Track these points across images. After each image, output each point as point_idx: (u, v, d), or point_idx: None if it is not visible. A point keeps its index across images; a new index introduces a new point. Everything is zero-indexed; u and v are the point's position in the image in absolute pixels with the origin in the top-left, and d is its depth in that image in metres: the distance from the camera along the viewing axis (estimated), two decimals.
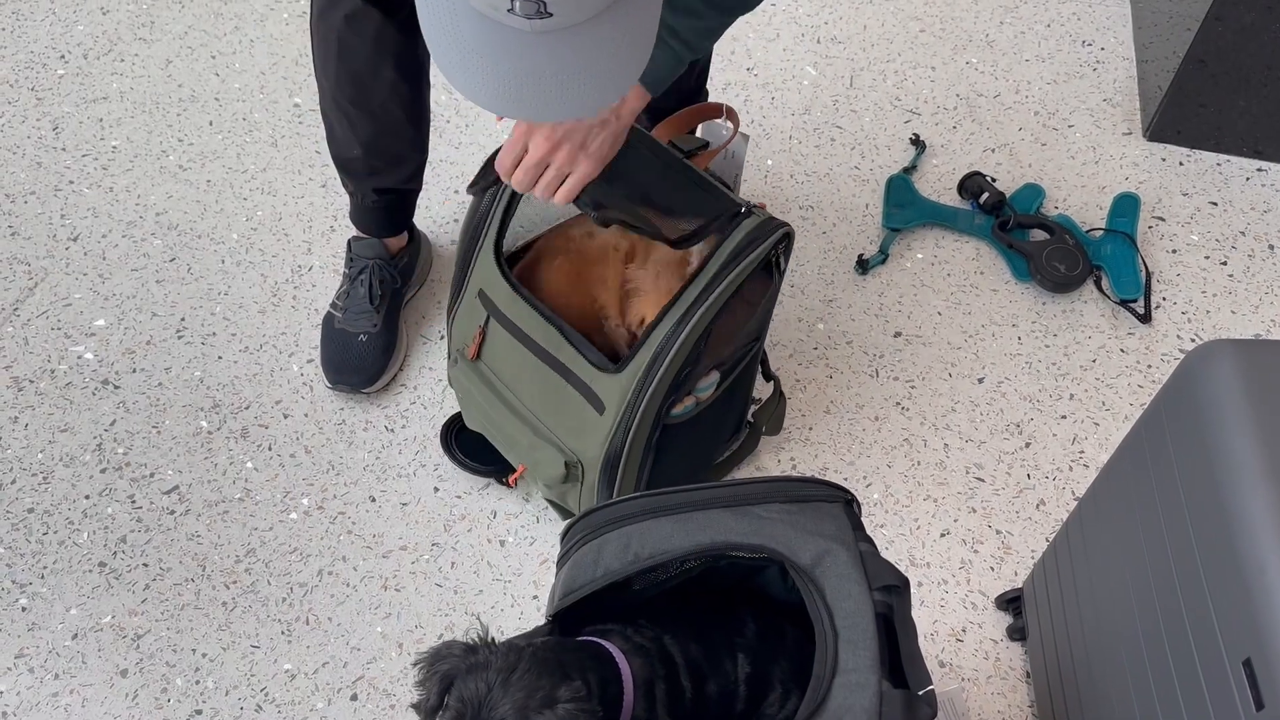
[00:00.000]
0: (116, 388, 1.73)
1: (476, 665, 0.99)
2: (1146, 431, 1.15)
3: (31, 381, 1.72)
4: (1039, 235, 1.95)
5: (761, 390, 1.67)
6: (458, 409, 1.68)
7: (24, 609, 1.51)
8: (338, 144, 1.64)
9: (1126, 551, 1.17)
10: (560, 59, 0.94)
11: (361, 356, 1.70)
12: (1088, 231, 1.96)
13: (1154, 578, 1.10)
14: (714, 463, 1.66)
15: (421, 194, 1.78)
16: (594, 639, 1.08)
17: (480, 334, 1.48)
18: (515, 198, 1.43)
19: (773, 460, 1.69)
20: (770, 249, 1.34)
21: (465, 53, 0.96)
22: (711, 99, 2.11)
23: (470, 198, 1.45)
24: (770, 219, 1.35)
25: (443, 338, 1.79)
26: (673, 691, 1.08)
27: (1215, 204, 2.05)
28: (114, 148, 2.04)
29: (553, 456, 1.44)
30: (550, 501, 1.60)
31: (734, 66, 2.23)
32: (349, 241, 1.75)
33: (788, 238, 1.36)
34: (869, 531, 1.61)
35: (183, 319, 1.81)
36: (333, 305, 1.74)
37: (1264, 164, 2.11)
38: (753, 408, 1.68)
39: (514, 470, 1.56)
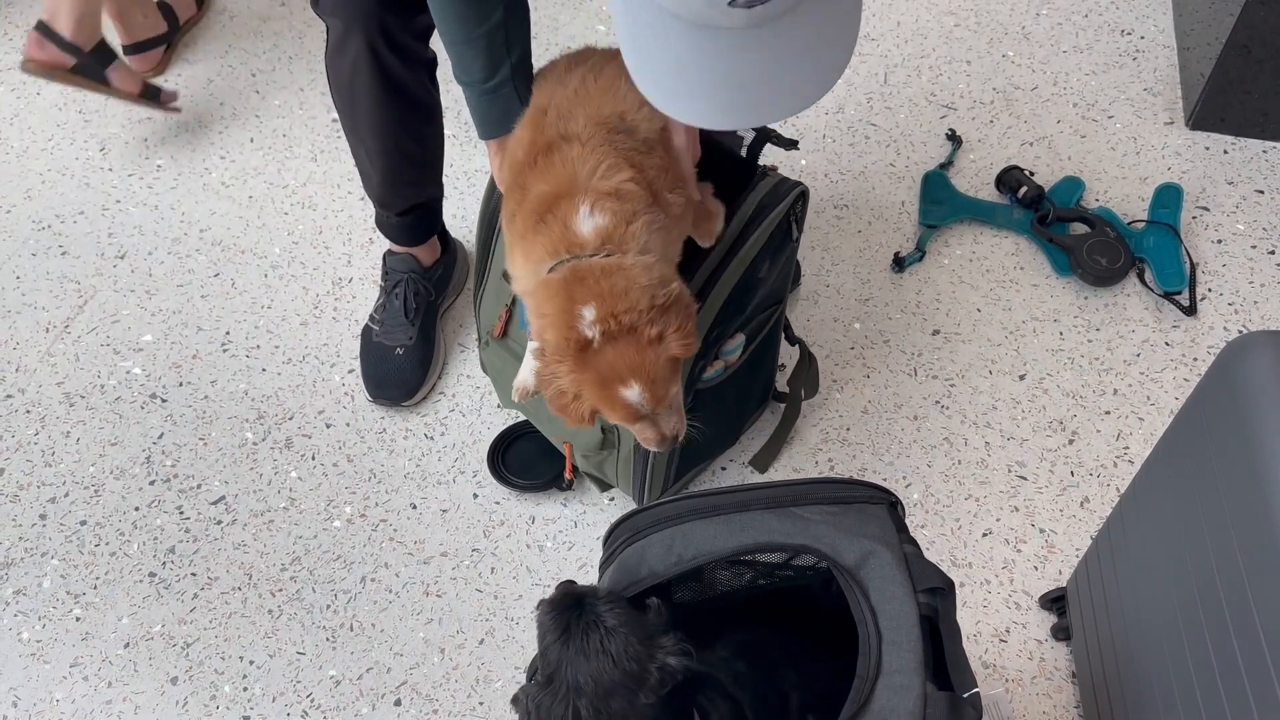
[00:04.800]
0: (164, 401, 1.77)
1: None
2: (1185, 427, 1.13)
3: (83, 397, 1.77)
4: (1079, 229, 1.92)
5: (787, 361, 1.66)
6: (499, 422, 1.71)
7: (78, 619, 1.55)
8: (359, 167, 1.68)
9: (1168, 549, 1.15)
10: (775, 52, 0.93)
11: (400, 369, 1.73)
12: (1129, 224, 1.92)
13: (1195, 575, 1.08)
14: (743, 430, 1.69)
15: (459, 201, 1.80)
16: (687, 696, 1.08)
17: (507, 312, 1.51)
18: None
19: (810, 461, 1.69)
20: (789, 208, 1.38)
21: (679, 67, 0.95)
22: None
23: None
24: (785, 179, 1.39)
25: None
26: None
27: (1262, 192, 2.01)
28: (159, 166, 2.09)
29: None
30: (590, 476, 1.61)
31: None
32: (384, 255, 1.78)
33: (803, 196, 1.40)
34: (910, 532, 1.60)
35: (227, 333, 1.85)
36: (370, 319, 1.77)
37: None
38: (784, 378, 1.71)
39: (561, 475, 1.59)
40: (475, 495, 1.66)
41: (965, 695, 0.95)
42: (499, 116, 1.31)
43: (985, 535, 1.60)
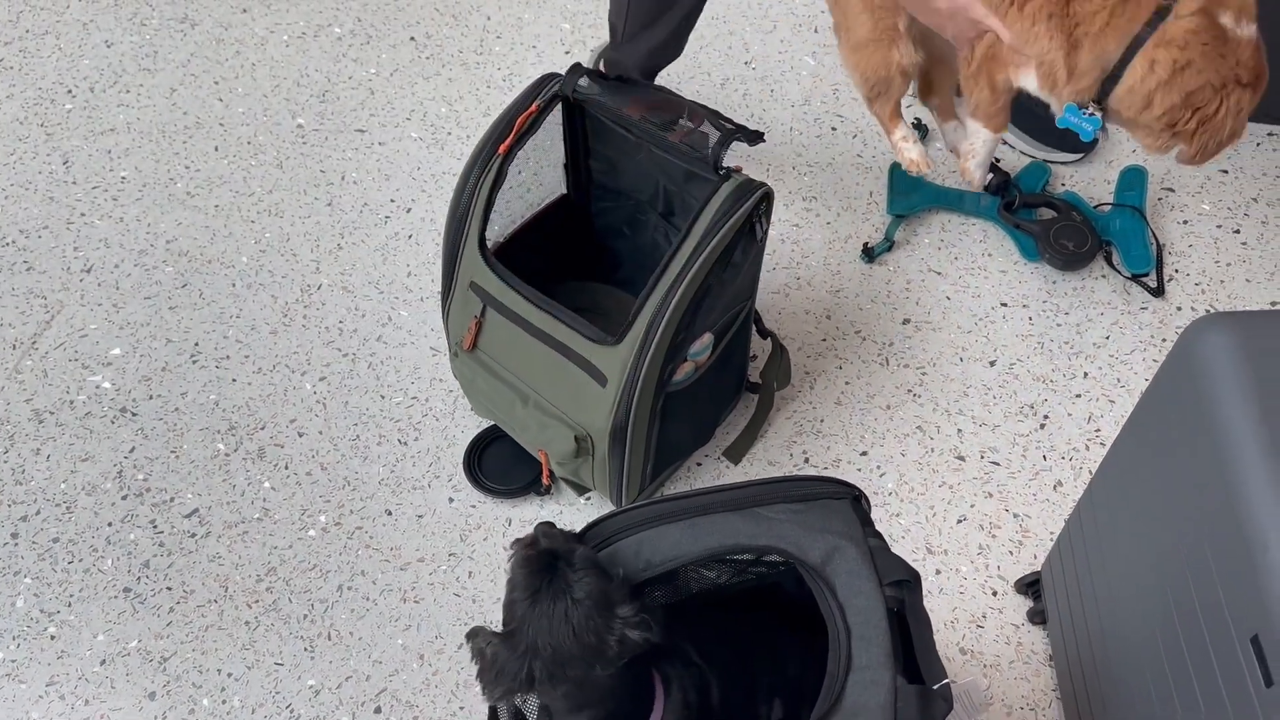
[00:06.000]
0: (134, 415, 1.76)
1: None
2: (1150, 409, 1.13)
3: (52, 413, 1.75)
4: (1046, 214, 1.93)
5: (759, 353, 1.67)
6: (474, 425, 1.71)
7: (53, 637, 1.54)
8: None
9: (1136, 530, 1.16)
10: None
11: None
12: (1096, 207, 1.93)
13: (1163, 556, 1.09)
14: (718, 425, 1.70)
15: (427, 204, 1.79)
16: (653, 669, 1.09)
17: (476, 324, 1.52)
18: (494, 192, 1.47)
19: (784, 454, 1.69)
20: (751, 210, 1.38)
21: None
22: (707, 97, 2.12)
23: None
24: (749, 180, 1.39)
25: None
26: None
27: (1225, 171, 2.02)
28: (123, 178, 2.07)
29: (562, 433, 1.48)
30: (566, 481, 1.62)
31: (731, 61, 2.23)
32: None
33: (767, 198, 1.40)
34: (885, 521, 1.61)
35: (196, 344, 1.84)
36: None
37: (1275, 128, 2.08)
38: (756, 369, 1.72)
39: (538, 480, 1.59)
40: (451, 500, 1.66)
41: (935, 687, 0.96)
42: None
43: (960, 522, 1.61)
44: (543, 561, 1.00)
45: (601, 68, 1.96)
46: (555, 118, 1.57)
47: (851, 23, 1.62)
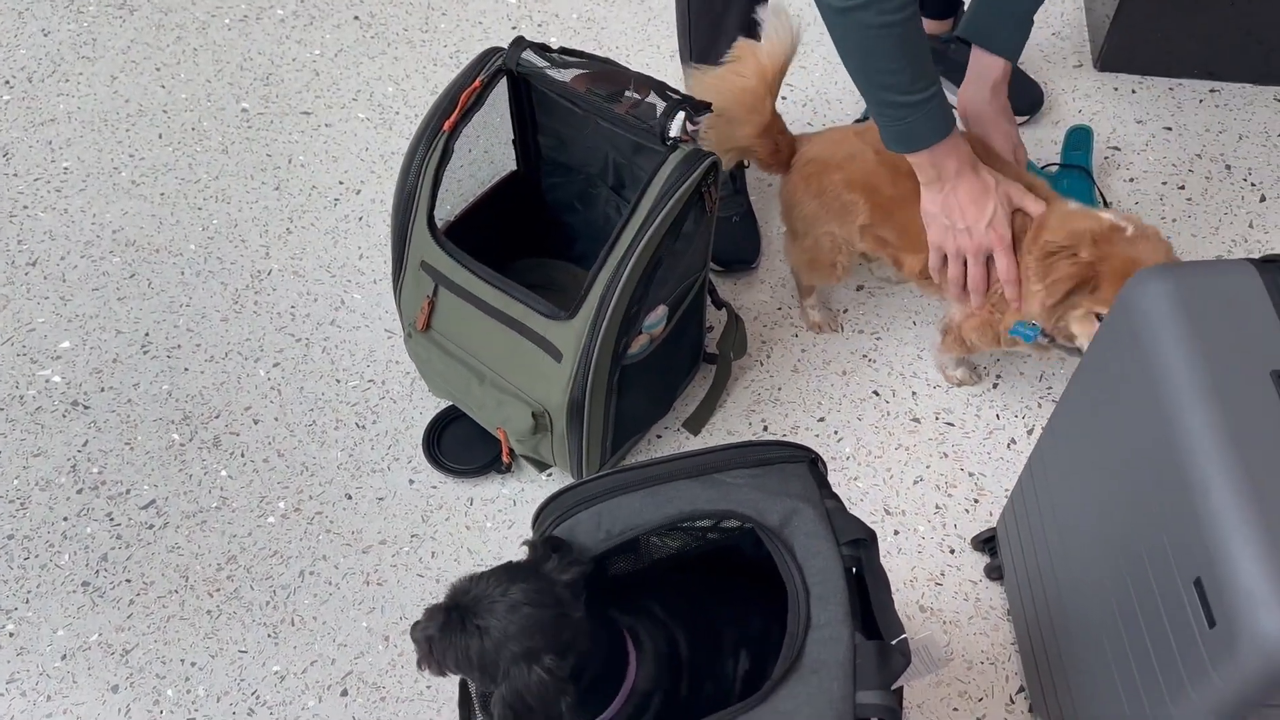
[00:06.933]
0: (86, 408, 1.73)
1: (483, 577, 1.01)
2: (1094, 361, 1.15)
3: (1, 409, 1.73)
4: None
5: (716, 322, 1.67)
6: (432, 406, 1.70)
7: (11, 634, 1.52)
8: None
9: (1084, 481, 1.18)
10: None
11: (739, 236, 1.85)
12: (1043, 168, 1.95)
13: (1109, 505, 1.11)
14: (676, 397, 1.70)
15: (377, 185, 1.77)
16: (622, 626, 1.10)
17: (429, 304, 1.51)
18: (441, 170, 1.46)
19: (743, 423, 1.70)
20: (700, 179, 1.37)
21: None
22: (656, 70, 2.11)
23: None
24: (696, 150, 1.38)
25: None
26: (668, 702, 1.11)
27: (1170, 129, 2.05)
28: (66, 169, 2.04)
29: (520, 410, 1.48)
30: (526, 458, 1.62)
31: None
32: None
33: (715, 167, 1.39)
34: (843, 485, 1.63)
35: (147, 334, 1.81)
36: None
37: (1217, 84, 2.11)
38: (712, 340, 1.72)
39: (499, 458, 1.59)
40: (411, 481, 1.65)
41: (893, 642, 0.97)
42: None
43: (917, 482, 1.63)
44: (450, 622, 1.01)
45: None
46: (502, 93, 1.56)
47: (805, 238, 1.65)
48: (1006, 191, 1.43)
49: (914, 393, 1.72)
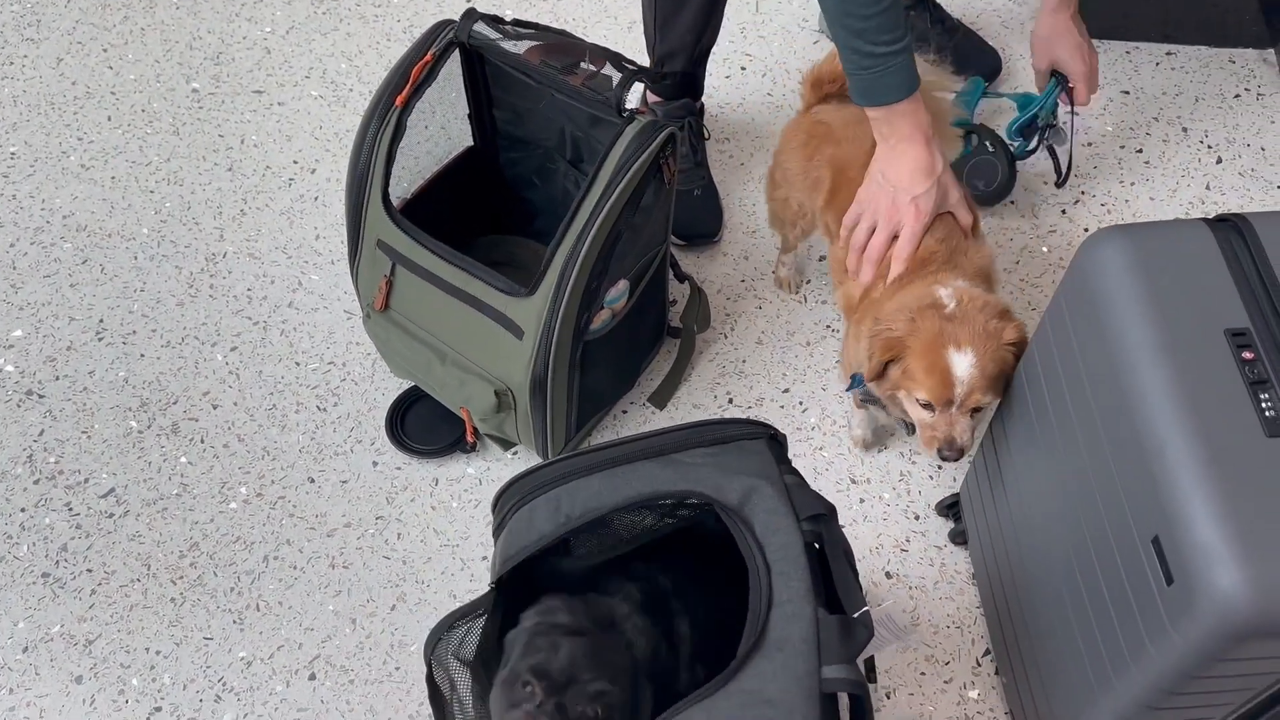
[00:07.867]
0: (41, 397, 1.70)
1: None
2: (1052, 323, 1.15)
3: None
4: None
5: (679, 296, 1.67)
6: (393, 387, 1.69)
7: None
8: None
9: (1045, 443, 1.19)
10: None
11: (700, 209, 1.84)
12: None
13: (1069, 467, 1.11)
14: (640, 371, 1.70)
15: (331, 164, 1.75)
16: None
17: (386, 283, 1.49)
18: (394, 146, 1.44)
19: (709, 396, 1.70)
20: (658, 151, 1.36)
21: None
22: (614, 42, 2.09)
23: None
24: (653, 121, 1.37)
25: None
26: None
27: (1127, 93, 2.05)
28: (12, 154, 1.99)
29: (482, 388, 1.47)
30: (491, 436, 1.61)
31: (635, 4, 2.19)
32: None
33: (672, 139, 1.38)
34: (809, 455, 1.63)
35: (101, 320, 1.78)
36: None
37: (1173, 47, 2.11)
38: (676, 314, 1.72)
39: (463, 438, 1.58)
40: (375, 463, 1.64)
41: (856, 615, 0.97)
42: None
43: (881, 451, 1.63)
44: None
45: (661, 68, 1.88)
46: (456, 67, 1.54)
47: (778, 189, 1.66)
48: (947, 184, 1.42)
49: None
